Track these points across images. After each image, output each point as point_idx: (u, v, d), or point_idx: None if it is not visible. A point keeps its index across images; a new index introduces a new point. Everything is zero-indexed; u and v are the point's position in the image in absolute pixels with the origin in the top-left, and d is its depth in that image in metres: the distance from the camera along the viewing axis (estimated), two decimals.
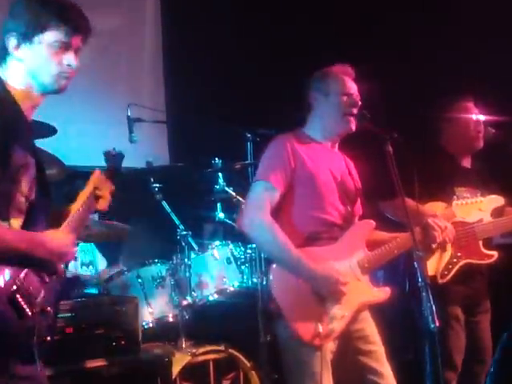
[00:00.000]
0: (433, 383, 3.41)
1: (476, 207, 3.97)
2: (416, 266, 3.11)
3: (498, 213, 4.30)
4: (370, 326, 3.65)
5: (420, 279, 3.05)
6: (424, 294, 3.00)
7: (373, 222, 3.67)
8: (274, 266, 3.50)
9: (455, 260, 4.20)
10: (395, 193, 3.58)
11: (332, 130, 3.73)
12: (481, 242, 4.30)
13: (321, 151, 3.70)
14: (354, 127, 3.67)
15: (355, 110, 3.65)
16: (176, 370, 4.18)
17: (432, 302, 2.95)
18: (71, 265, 4.90)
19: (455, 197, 4.01)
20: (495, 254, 4.31)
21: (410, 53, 6.13)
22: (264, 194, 3.48)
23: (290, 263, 3.42)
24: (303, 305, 3.40)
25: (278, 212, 3.52)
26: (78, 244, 4.75)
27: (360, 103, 3.67)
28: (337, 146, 3.80)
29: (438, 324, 2.93)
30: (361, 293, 3.53)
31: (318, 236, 3.55)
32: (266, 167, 3.58)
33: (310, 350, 3.38)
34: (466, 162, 4.56)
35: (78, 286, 4.60)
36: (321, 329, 3.34)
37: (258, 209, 3.44)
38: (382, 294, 3.63)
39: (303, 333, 3.35)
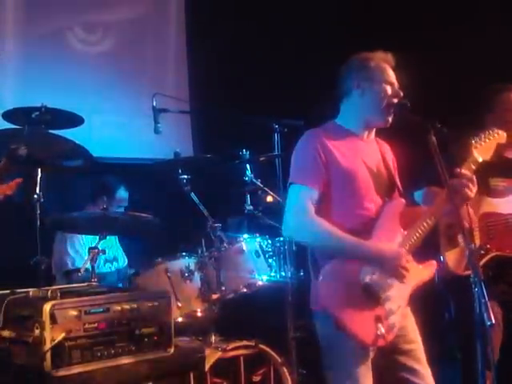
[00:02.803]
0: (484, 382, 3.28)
1: (494, 142, 3.69)
2: (468, 260, 2.99)
3: None
4: (410, 324, 3.51)
5: (472, 274, 2.93)
6: (477, 289, 2.88)
7: (403, 201, 3.53)
8: (326, 267, 3.32)
9: (483, 252, 4.07)
10: (432, 181, 3.46)
11: (369, 121, 3.54)
12: None
13: (354, 143, 3.52)
14: (389, 122, 3.50)
15: (397, 101, 3.49)
16: (207, 365, 4.10)
17: (487, 298, 2.84)
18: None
19: (473, 141, 3.79)
20: None
21: (454, 39, 6.00)
22: (303, 196, 3.34)
23: (351, 249, 3.30)
24: (356, 307, 3.24)
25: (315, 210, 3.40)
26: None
27: (402, 94, 3.53)
28: (373, 133, 3.63)
29: (493, 321, 2.81)
30: (412, 275, 3.38)
31: (356, 234, 3.39)
32: (299, 169, 3.42)
33: (360, 355, 3.27)
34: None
35: None
36: (382, 329, 3.23)
37: (300, 213, 3.31)
38: (430, 269, 3.53)
39: (366, 338, 3.21)
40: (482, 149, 3.64)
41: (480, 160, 3.59)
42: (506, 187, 4.23)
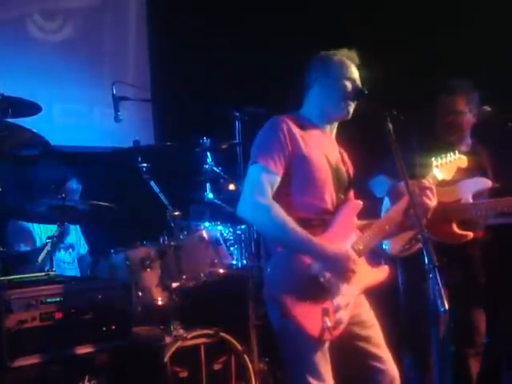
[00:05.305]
0: (441, 366, 3.31)
1: (455, 165, 3.82)
2: (423, 247, 2.99)
3: (481, 196, 4.29)
4: (366, 311, 3.54)
5: (427, 261, 2.94)
6: (432, 276, 2.89)
7: (360, 202, 3.56)
8: (276, 255, 3.35)
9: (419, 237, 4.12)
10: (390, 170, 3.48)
11: (329, 114, 3.57)
12: (455, 223, 4.24)
13: (317, 135, 3.54)
14: (350, 114, 3.53)
15: (356, 97, 3.50)
16: (167, 354, 4.08)
17: (441, 285, 2.85)
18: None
19: (434, 160, 3.81)
20: (469, 234, 4.25)
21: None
22: (262, 177, 3.32)
23: (299, 243, 3.26)
24: (307, 299, 3.24)
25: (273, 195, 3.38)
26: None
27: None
28: (334, 132, 3.66)
29: (447, 307, 2.83)
30: (361, 277, 3.41)
31: (310, 223, 3.38)
32: (263, 150, 3.39)
33: (310, 342, 3.26)
34: (465, 147, 4.49)
35: None
36: (329, 323, 3.23)
37: (257, 193, 3.28)
38: (382, 272, 3.55)
39: (311, 329, 3.22)
40: (443, 169, 3.74)
41: (440, 179, 3.69)
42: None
